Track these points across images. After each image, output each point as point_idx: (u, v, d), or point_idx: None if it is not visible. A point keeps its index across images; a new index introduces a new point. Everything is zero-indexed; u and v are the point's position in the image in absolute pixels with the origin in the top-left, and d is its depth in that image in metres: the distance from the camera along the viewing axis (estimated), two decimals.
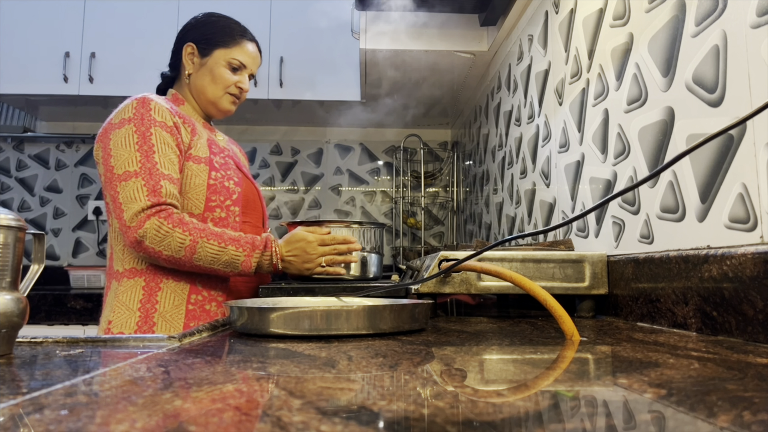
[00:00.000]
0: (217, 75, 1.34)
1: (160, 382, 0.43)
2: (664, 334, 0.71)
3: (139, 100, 1.22)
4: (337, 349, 0.61)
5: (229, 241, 1.16)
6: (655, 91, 0.89)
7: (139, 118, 1.19)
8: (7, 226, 0.55)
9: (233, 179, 1.29)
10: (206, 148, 1.28)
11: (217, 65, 1.34)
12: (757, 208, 0.65)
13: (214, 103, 1.36)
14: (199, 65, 1.34)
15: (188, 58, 1.34)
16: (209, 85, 1.34)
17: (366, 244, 1.35)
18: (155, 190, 1.14)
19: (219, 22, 1.37)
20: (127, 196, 1.13)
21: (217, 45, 1.34)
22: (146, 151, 1.16)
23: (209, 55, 1.34)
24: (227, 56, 1.34)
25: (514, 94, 1.78)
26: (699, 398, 0.36)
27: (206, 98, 1.35)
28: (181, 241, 1.13)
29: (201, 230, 1.15)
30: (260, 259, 1.19)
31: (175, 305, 1.20)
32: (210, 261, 1.15)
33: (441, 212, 3.01)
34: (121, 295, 1.20)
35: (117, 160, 1.16)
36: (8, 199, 2.84)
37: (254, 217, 1.38)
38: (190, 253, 1.14)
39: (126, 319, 1.18)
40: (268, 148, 2.97)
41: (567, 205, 1.28)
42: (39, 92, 2.39)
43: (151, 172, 1.15)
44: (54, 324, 2.09)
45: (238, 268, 1.17)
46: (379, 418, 0.33)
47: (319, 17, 2.45)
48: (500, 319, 0.96)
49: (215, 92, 1.34)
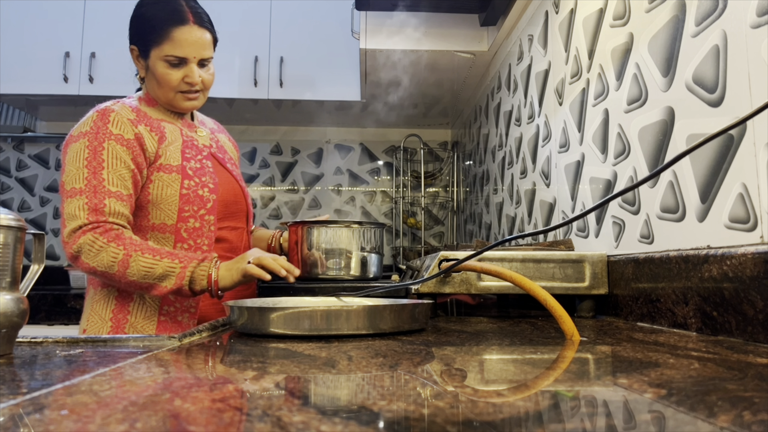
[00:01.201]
0: (159, 77, 1.21)
1: (160, 382, 0.43)
2: (664, 334, 0.71)
3: (100, 112, 1.17)
4: (337, 349, 0.61)
5: (166, 255, 1.11)
6: (655, 91, 0.89)
7: (95, 132, 1.15)
8: (7, 226, 0.55)
9: (208, 186, 1.23)
10: (179, 154, 1.22)
11: (156, 66, 1.21)
12: (757, 208, 0.65)
13: (170, 105, 1.26)
14: (145, 68, 1.25)
15: (136, 61, 1.26)
16: (158, 89, 1.24)
17: (366, 244, 1.35)
18: (97, 208, 1.11)
19: (146, 13, 1.22)
20: (70, 212, 1.12)
21: (150, 44, 1.20)
22: (95, 168, 1.13)
23: (148, 57, 1.22)
24: (160, 54, 1.20)
25: (514, 94, 1.78)
26: (699, 398, 0.36)
27: (162, 102, 1.26)
28: (114, 255, 1.09)
29: (137, 245, 1.11)
30: (196, 268, 1.11)
31: (147, 316, 1.19)
32: (143, 275, 1.09)
33: (441, 212, 3.01)
34: (95, 304, 1.20)
35: (67, 176, 1.14)
36: (8, 199, 2.85)
37: (235, 219, 1.32)
38: (123, 268, 1.09)
39: (98, 328, 1.18)
40: (268, 148, 2.97)
41: (567, 205, 1.27)
42: (39, 92, 2.39)
43: (96, 190, 1.12)
44: (54, 324, 2.09)
45: (173, 280, 1.10)
46: (379, 418, 0.33)
47: (319, 17, 2.45)
48: (500, 319, 0.96)
49: (166, 95, 1.24)
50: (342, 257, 1.31)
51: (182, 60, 1.20)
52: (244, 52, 2.38)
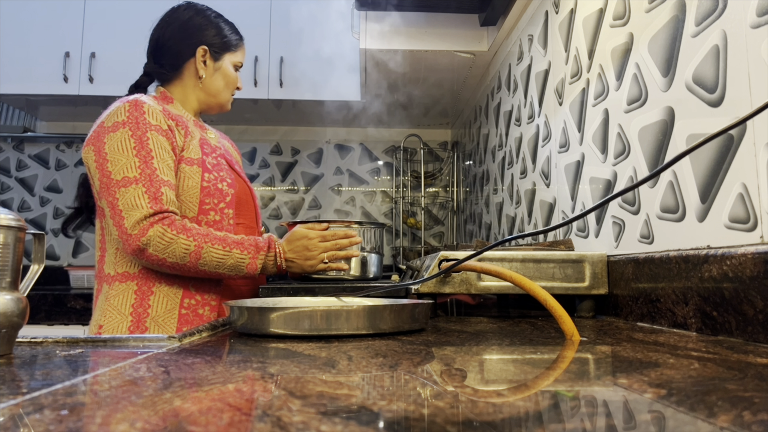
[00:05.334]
0: (230, 78, 1.37)
1: (160, 382, 0.43)
2: (664, 334, 0.71)
3: (131, 103, 1.19)
4: (337, 349, 0.61)
5: (233, 244, 1.16)
6: (655, 91, 0.89)
7: (134, 121, 1.16)
8: (7, 226, 0.55)
9: (226, 180, 1.27)
10: (198, 148, 1.25)
11: (227, 69, 1.36)
12: (757, 208, 0.65)
13: (222, 105, 1.38)
14: (213, 69, 1.34)
15: (200, 60, 1.33)
16: (224, 90, 1.36)
17: (366, 244, 1.35)
18: (156, 197, 1.12)
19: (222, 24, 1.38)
20: (128, 203, 1.11)
21: (227, 48, 1.36)
22: (144, 157, 1.14)
23: (221, 59, 1.35)
24: (233, 59, 1.37)
25: (514, 94, 1.78)
26: (699, 398, 0.36)
27: (217, 101, 1.37)
28: (186, 247, 1.12)
29: (204, 235, 1.14)
30: (265, 260, 1.18)
31: (168, 309, 1.19)
32: (215, 266, 1.15)
33: (441, 212, 3.01)
34: (112, 299, 1.19)
35: (114, 165, 1.13)
36: (8, 199, 2.84)
37: (248, 218, 1.35)
38: (195, 259, 1.13)
39: (117, 323, 1.17)
40: (268, 148, 2.97)
41: (567, 205, 1.27)
42: (39, 92, 2.39)
43: (151, 179, 1.13)
44: (54, 324, 2.09)
45: (244, 270, 1.17)
46: (379, 418, 0.33)
47: (319, 17, 2.45)
48: (500, 319, 0.96)
49: (227, 96, 1.38)
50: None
51: (239, 68, 1.40)
52: None
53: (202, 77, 1.33)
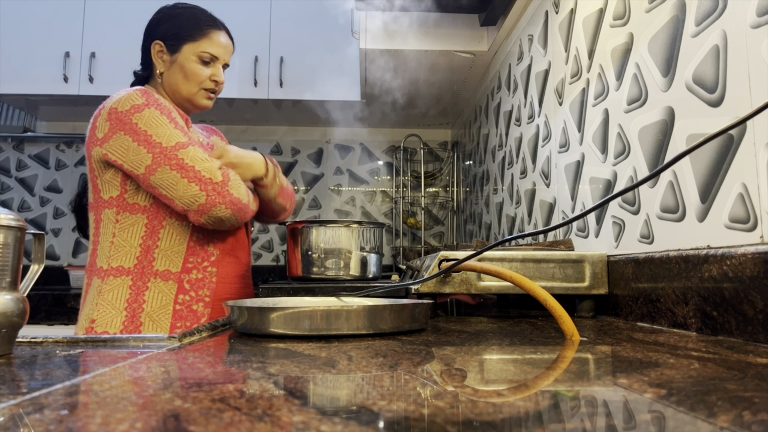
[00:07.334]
0: (188, 71, 1.30)
1: (161, 382, 0.43)
2: (664, 334, 0.71)
3: (141, 90, 1.23)
4: (337, 349, 0.61)
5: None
6: (655, 91, 0.89)
7: (155, 102, 1.21)
8: (7, 226, 0.55)
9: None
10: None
11: (187, 61, 1.29)
12: (757, 208, 0.65)
13: (189, 100, 1.33)
14: (169, 63, 1.31)
15: (157, 56, 1.31)
16: (182, 83, 1.30)
17: (366, 244, 1.35)
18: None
19: (184, 14, 1.32)
20: (196, 158, 1.17)
21: (184, 39, 1.30)
22: (182, 128, 1.21)
23: (178, 51, 1.30)
24: (196, 50, 1.30)
25: (514, 94, 1.78)
26: (699, 398, 0.36)
27: (181, 96, 1.32)
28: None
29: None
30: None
31: (163, 305, 1.20)
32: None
33: (441, 212, 3.01)
34: (106, 294, 1.18)
35: (161, 136, 1.17)
36: (8, 199, 2.84)
37: None
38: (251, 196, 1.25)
39: (111, 318, 1.17)
40: (268, 148, 2.97)
41: (567, 205, 1.27)
42: (39, 92, 2.39)
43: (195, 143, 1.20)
44: (54, 324, 2.09)
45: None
46: (379, 418, 0.33)
47: (319, 17, 2.45)
48: (500, 319, 0.96)
49: (189, 89, 1.31)
50: (342, 257, 1.31)
51: (213, 59, 1.31)
52: (244, 52, 2.38)
53: (162, 73, 1.32)
